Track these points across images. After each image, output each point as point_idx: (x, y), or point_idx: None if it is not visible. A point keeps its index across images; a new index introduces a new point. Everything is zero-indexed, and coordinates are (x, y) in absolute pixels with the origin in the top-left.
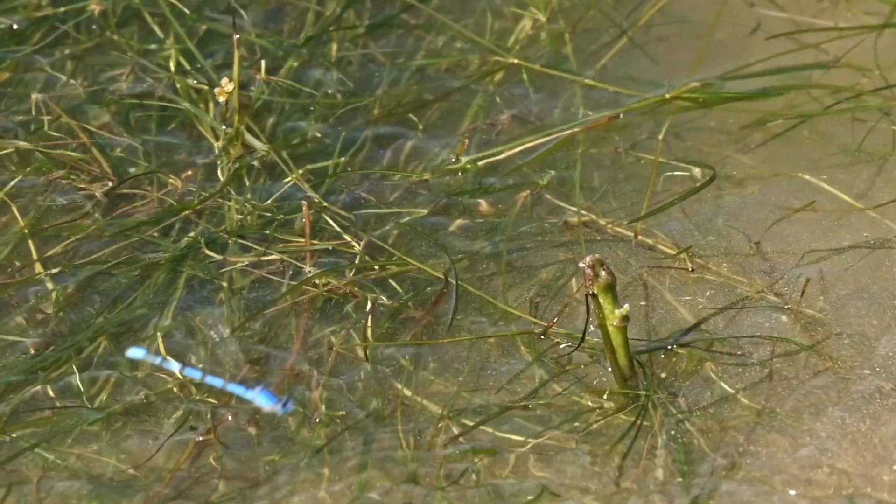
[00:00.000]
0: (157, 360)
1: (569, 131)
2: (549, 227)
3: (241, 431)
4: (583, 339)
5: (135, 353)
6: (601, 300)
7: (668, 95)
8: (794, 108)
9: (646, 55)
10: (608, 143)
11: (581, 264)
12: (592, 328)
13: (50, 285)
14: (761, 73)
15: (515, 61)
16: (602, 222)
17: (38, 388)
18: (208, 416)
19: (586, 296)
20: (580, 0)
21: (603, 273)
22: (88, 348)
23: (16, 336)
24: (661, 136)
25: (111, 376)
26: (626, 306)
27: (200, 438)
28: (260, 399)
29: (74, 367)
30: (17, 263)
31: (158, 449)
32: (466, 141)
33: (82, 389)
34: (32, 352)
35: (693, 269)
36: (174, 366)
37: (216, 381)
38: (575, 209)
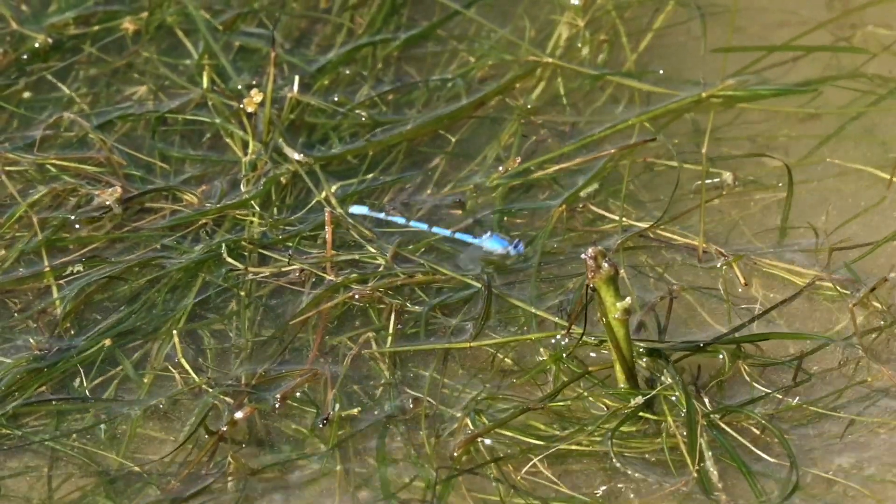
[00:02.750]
0: (381, 215)
1: (606, 154)
2: (584, 238)
3: (256, 430)
4: (584, 333)
5: (357, 209)
6: (602, 293)
7: (704, 94)
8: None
9: (677, 55)
10: (641, 151)
11: (583, 255)
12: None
13: (55, 291)
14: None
15: (551, 60)
16: (641, 225)
17: (45, 386)
18: (224, 415)
19: (587, 287)
20: (615, 3)
21: (605, 265)
22: (94, 349)
23: (21, 337)
24: (704, 150)
25: (118, 375)
26: (628, 299)
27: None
28: (490, 244)
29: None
30: (22, 270)
31: (178, 447)
32: (518, 159)
33: (85, 385)
34: (36, 352)
35: (746, 283)
36: (400, 220)
37: (442, 231)
38: (615, 217)
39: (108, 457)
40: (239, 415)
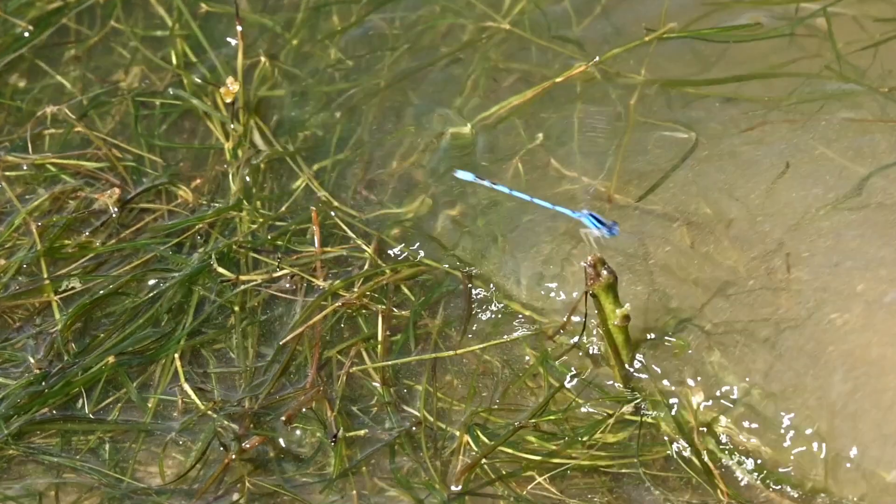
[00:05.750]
0: (486, 183)
1: (548, 83)
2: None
3: (265, 455)
4: (581, 336)
5: (463, 175)
6: (602, 300)
7: (646, 38)
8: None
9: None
10: (605, 103)
11: (582, 263)
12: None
13: (56, 309)
14: None
15: (508, 27)
16: (601, 187)
17: (48, 407)
18: (232, 440)
19: (585, 293)
20: None
21: (604, 272)
22: (95, 369)
23: (21, 356)
24: (632, 101)
25: (120, 399)
26: (627, 305)
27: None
28: (586, 220)
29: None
30: (21, 278)
31: (189, 469)
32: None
33: (87, 409)
34: (36, 371)
35: (693, 245)
36: (503, 189)
37: (543, 203)
38: (574, 174)
39: (113, 476)
40: (247, 445)
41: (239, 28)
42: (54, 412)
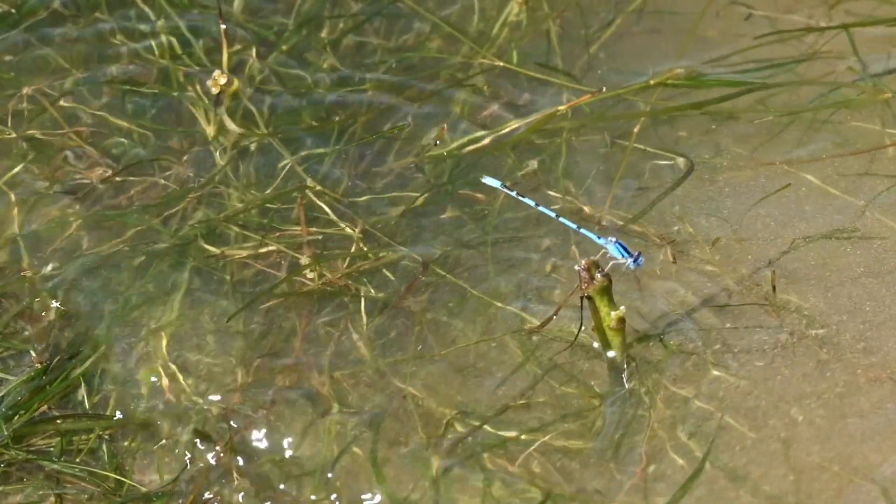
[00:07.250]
0: (513, 193)
1: (551, 110)
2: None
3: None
4: (576, 339)
5: (490, 181)
6: (597, 303)
7: (651, 82)
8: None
9: (632, 47)
10: (594, 132)
11: (576, 267)
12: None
13: (52, 299)
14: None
15: (501, 64)
16: (586, 209)
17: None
18: (224, 429)
19: (581, 297)
20: None
21: (598, 276)
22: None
23: (20, 347)
24: (635, 130)
25: (113, 391)
26: (623, 308)
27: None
28: (611, 248)
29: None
30: (18, 266)
31: (183, 470)
32: (445, 126)
33: (87, 403)
34: (38, 365)
35: (675, 261)
36: (529, 202)
37: (569, 224)
38: (560, 195)
39: (111, 476)
40: (238, 434)
41: (223, 26)
42: (51, 407)
